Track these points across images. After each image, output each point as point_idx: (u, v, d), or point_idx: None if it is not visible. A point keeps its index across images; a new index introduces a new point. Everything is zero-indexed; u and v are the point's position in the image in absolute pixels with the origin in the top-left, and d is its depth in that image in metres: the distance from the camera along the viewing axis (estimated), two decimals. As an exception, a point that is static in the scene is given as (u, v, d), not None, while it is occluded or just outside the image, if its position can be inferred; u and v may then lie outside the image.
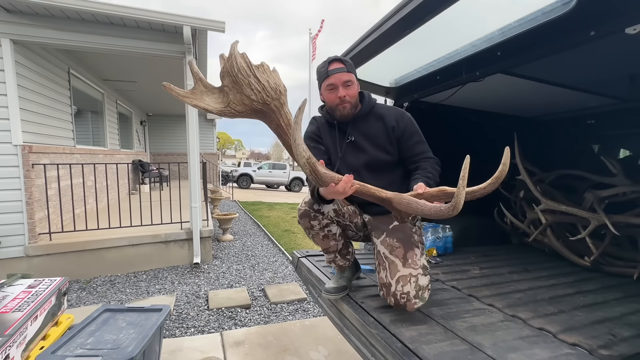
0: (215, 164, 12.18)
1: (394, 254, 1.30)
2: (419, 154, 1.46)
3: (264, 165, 17.58)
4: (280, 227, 7.01)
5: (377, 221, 1.44)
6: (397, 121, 1.45)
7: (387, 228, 1.41)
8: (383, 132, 1.46)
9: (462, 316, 1.34)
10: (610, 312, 1.46)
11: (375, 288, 1.60)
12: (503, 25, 1.37)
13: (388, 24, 1.52)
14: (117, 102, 7.43)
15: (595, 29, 1.20)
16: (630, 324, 1.35)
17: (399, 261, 1.27)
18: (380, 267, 1.33)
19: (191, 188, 4.15)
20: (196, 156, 4.19)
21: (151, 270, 4.01)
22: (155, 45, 3.99)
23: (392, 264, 1.28)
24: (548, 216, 2.40)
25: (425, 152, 1.47)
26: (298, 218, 1.53)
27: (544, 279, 1.91)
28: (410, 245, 1.32)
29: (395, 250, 1.31)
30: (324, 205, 1.42)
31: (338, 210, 1.49)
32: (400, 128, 1.45)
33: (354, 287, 1.62)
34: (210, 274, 3.98)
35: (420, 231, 1.44)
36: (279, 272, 4.16)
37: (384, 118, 1.48)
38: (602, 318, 1.39)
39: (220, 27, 3.93)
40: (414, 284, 1.22)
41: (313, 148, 1.49)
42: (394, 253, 1.30)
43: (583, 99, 2.33)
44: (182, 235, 4.17)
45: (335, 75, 1.43)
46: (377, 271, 1.36)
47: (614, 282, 1.91)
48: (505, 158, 1.05)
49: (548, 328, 1.27)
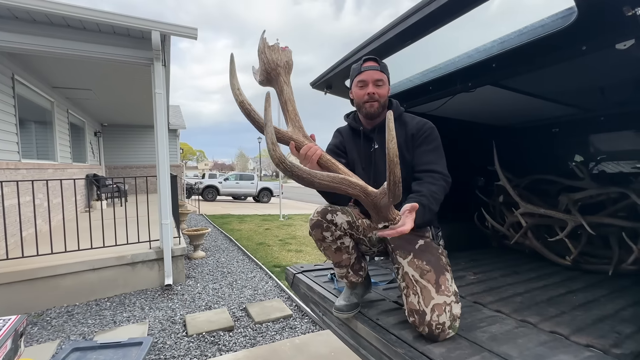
0: (179, 176, 11.55)
1: (425, 278, 1.22)
2: (423, 163, 1.37)
3: (230, 176, 17.02)
4: (253, 240, 6.77)
5: (401, 239, 1.35)
6: (418, 129, 1.42)
7: (413, 248, 1.32)
8: (403, 140, 1.43)
9: (478, 326, 1.32)
10: (605, 310, 1.54)
11: (387, 302, 1.55)
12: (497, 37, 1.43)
13: (387, 36, 1.52)
14: (69, 111, 6.78)
15: (587, 44, 1.28)
16: (626, 319, 1.43)
17: (432, 287, 1.19)
18: (409, 291, 1.23)
19: (161, 203, 3.84)
20: (166, 169, 3.90)
21: (116, 296, 3.62)
22: (119, 51, 3.69)
23: (425, 290, 1.19)
24: (527, 219, 2.53)
25: (430, 163, 1.36)
26: (309, 229, 1.45)
27: (534, 281, 1.98)
28: (441, 269, 1.25)
29: (426, 274, 1.22)
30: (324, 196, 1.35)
31: (352, 222, 1.42)
32: (419, 136, 1.41)
33: (363, 302, 1.55)
34: (184, 295, 3.68)
35: (446, 252, 1.38)
36: (259, 288, 3.97)
37: (407, 125, 1.45)
38: (600, 316, 1.46)
39: (192, 34, 3.75)
40: (448, 314, 1.15)
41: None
42: (425, 277, 1.22)
43: (553, 109, 2.51)
44: (152, 255, 3.84)
45: (367, 72, 1.41)
46: (404, 294, 1.27)
47: (594, 279, 2.04)
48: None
49: (559, 331, 1.29)
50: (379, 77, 1.41)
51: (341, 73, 1.97)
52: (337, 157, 1.48)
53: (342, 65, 1.90)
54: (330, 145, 1.60)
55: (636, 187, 2.12)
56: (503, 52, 1.43)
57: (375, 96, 1.41)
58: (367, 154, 1.50)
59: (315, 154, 1.17)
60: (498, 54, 1.44)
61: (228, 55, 1.22)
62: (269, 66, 1.23)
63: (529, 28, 1.27)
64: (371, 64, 1.43)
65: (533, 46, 1.34)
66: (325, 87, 2.21)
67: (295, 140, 1.21)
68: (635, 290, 1.84)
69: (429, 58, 1.76)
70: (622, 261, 2.12)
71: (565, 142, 3.05)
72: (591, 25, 1.18)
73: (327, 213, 1.42)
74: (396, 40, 1.48)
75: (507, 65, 1.52)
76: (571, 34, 1.23)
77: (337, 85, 2.15)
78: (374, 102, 1.42)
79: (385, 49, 1.59)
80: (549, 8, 1.19)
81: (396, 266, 1.34)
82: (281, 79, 1.27)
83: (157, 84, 3.74)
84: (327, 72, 2.05)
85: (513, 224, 2.77)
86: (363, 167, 1.50)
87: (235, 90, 1.17)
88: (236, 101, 1.17)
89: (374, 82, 1.41)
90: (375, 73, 1.41)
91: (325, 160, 1.18)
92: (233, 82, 1.17)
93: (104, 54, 3.60)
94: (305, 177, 1.00)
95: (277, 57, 1.25)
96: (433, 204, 1.24)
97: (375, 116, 1.46)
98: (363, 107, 1.45)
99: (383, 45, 1.56)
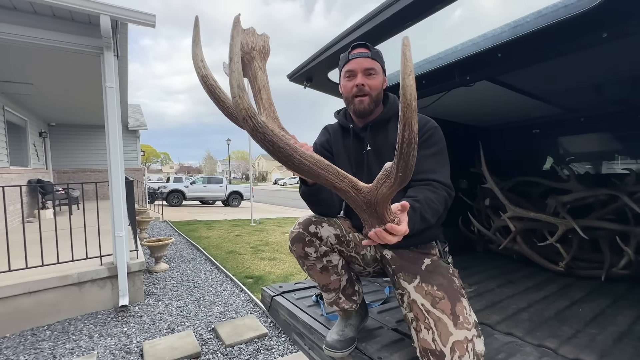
0: (140, 181, 10.70)
1: (438, 307, 0.99)
2: (421, 171, 1.10)
3: (197, 179, 16.16)
4: (223, 248, 6.32)
5: (403, 259, 1.13)
6: (419, 128, 1.18)
7: (419, 270, 1.09)
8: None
9: (496, 358, 1.12)
10: (618, 325, 1.42)
11: (386, 331, 1.31)
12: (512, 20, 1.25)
13: (382, 16, 1.29)
14: (5, 108, 5.95)
15: (609, 30, 1.13)
16: (643, 336, 1.30)
17: (448, 319, 0.96)
18: (419, 324, 0.99)
19: (114, 213, 3.36)
20: (120, 173, 3.42)
21: (58, 323, 3.09)
22: (60, 37, 3.18)
23: (440, 323, 0.96)
24: (516, 223, 2.42)
25: (429, 171, 1.12)
26: (289, 244, 1.19)
27: (533, 291, 1.85)
28: (456, 295, 1.02)
29: (439, 303, 0.99)
30: (305, 187, 1.12)
31: (341, 236, 1.18)
32: (420, 138, 1.14)
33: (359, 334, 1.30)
34: (143, 317, 3.23)
35: (457, 272, 1.14)
36: (229, 304, 3.60)
37: None
38: (617, 334, 1.33)
39: (149, 21, 3.33)
40: (472, 353, 0.92)
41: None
42: (438, 306, 0.99)
43: (540, 109, 2.44)
44: (103, 273, 3.34)
45: (356, 60, 1.16)
46: (412, 327, 1.04)
47: (590, 286, 1.95)
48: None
49: (586, 359, 1.13)
50: (369, 66, 1.17)
51: (324, 63, 1.72)
52: None
53: (325, 53, 1.65)
54: (316, 144, 1.34)
55: (626, 189, 2.08)
56: (513, 38, 1.25)
57: (365, 88, 1.17)
58: (359, 156, 1.27)
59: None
60: (507, 40, 1.26)
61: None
62: (243, 50, 1.08)
63: (551, 9, 1.10)
64: (360, 51, 1.19)
65: (549, 31, 1.17)
66: (304, 80, 1.94)
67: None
68: (632, 298, 1.76)
69: (425, 47, 1.55)
70: (613, 265, 2.06)
71: (548, 143, 3.02)
72: (621, 6, 1.02)
73: (311, 224, 1.17)
74: (394, 20, 1.25)
75: (514, 55, 1.35)
76: (597, 16, 1.07)
77: (319, 78, 1.89)
78: (363, 97, 1.18)
79: (378, 33, 1.35)
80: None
81: (400, 292, 1.10)
82: (255, 64, 1.09)
83: (107, 76, 3.27)
84: (307, 62, 1.79)
85: (499, 228, 2.67)
86: (354, 171, 1.25)
87: (198, 62, 0.94)
88: (198, 75, 0.95)
89: (363, 71, 1.17)
90: (365, 61, 1.17)
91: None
92: (196, 52, 0.94)
93: (40, 40, 3.08)
94: (282, 146, 0.72)
95: (253, 41, 1.11)
96: (427, 213, 1.00)
97: (366, 114, 1.22)
98: (352, 102, 1.21)
99: (376, 28, 1.33)
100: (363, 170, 1.24)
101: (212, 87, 0.93)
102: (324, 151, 1.32)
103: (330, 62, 1.71)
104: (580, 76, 1.83)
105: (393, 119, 1.23)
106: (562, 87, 2.06)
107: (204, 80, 0.93)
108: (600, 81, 1.90)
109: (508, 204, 2.42)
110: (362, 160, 1.25)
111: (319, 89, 2.00)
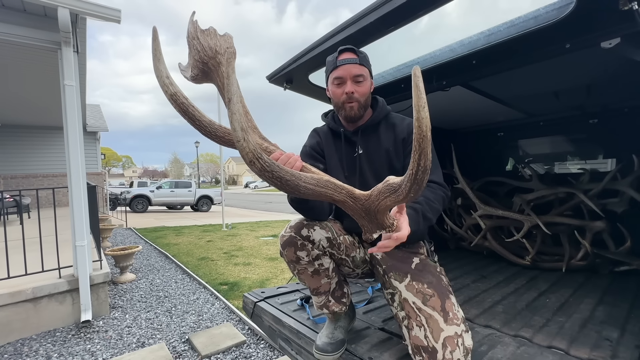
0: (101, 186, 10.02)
1: (429, 304, 1.01)
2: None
3: (164, 184, 15.43)
4: (194, 255, 6.08)
5: (394, 258, 1.15)
6: (409, 133, 1.20)
7: (409, 268, 1.11)
8: (392, 145, 1.21)
9: (481, 350, 1.18)
10: (581, 312, 1.54)
11: (373, 331, 1.32)
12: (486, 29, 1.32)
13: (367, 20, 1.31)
14: (-59, 106, 5.33)
15: (572, 41, 1.23)
16: (604, 322, 1.43)
17: (439, 315, 0.98)
18: (411, 322, 1.01)
19: (75, 221, 3.11)
20: (81, 178, 3.18)
21: (9, 344, 2.80)
22: (11, 29, 2.91)
23: (431, 320, 0.98)
24: (486, 221, 2.56)
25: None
26: (280, 248, 1.17)
27: (504, 285, 1.96)
28: (445, 292, 1.05)
29: (429, 300, 1.01)
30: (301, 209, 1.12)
31: (332, 239, 1.18)
32: (410, 141, 1.17)
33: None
34: (108, 332, 3.02)
35: (444, 270, 1.18)
36: (203, 312, 3.46)
37: (395, 127, 1.23)
38: (581, 320, 1.45)
39: (114, 16, 3.14)
40: (462, 347, 0.95)
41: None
42: (429, 304, 1.01)
43: (505, 113, 2.60)
44: (62, 286, 3.07)
45: (344, 67, 1.16)
46: (404, 325, 1.05)
47: (553, 277, 2.10)
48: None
49: (557, 345, 1.22)
50: (358, 72, 1.18)
51: (305, 65, 1.72)
52: (315, 162, 1.22)
53: (306, 55, 1.64)
54: (306, 147, 1.33)
55: (581, 187, 2.27)
56: (487, 46, 1.32)
57: (354, 96, 1.18)
58: (351, 159, 1.27)
59: (295, 165, 0.93)
60: (482, 48, 1.33)
61: (163, 53, 0.88)
62: (205, 54, 0.98)
63: (522, 19, 1.18)
64: (348, 56, 1.19)
65: (520, 41, 1.26)
66: (284, 82, 1.92)
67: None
68: (590, 287, 1.92)
69: (405, 51, 1.60)
70: (572, 257, 2.24)
71: (511, 145, 3.22)
72: (584, 20, 1.12)
73: (303, 228, 1.16)
74: (377, 25, 1.28)
75: (487, 62, 1.43)
76: (562, 28, 1.16)
77: (300, 80, 1.88)
78: (353, 103, 1.20)
79: (361, 37, 1.38)
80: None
81: (390, 291, 1.11)
82: (222, 70, 0.99)
83: (66, 73, 3.03)
84: (288, 64, 1.78)
85: (470, 226, 2.81)
86: (346, 175, 1.26)
87: (163, 80, 0.86)
88: (166, 94, 0.86)
89: (352, 78, 1.18)
90: (354, 67, 1.18)
91: (307, 171, 0.92)
92: (159, 67, 0.86)
93: (-12, 32, 2.80)
94: (290, 179, 0.73)
95: (215, 43, 1.00)
96: (429, 212, 1.06)
97: (356, 119, 1.24)
98: (342, 108, 1.22)
99: (360, 32, 1.35)
100: (355, 174, 1.26)
101: (184, 106, 0.85)
102: (315, 154, 1.31)
103: (311, 65, 1.71)
104: (541, 83, 1.97)
105: (383, 122, 1.26)
106: (526, 92, 2.21)
107: (174, 99, 0.85)
108: (559, 88, 2.06)
109: (478, 203, 2.56)
110: (355, 164, 1.27)
111: (299, 91, 2.00)
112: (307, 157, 1.27)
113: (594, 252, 2.14)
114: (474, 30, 1.33)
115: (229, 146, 0.91)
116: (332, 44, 1.47)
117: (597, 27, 1.13)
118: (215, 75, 1.00)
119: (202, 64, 0.99)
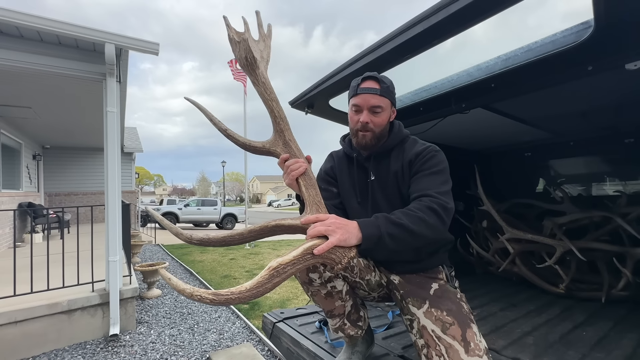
0: (134, 203, 10.56)
1: (449, 333, 0.98)
2: (415, 191, 1.08)
3: (191, 202, 16.02)
4: (217, 272, 6.18)
5: (411, 284, 1.13)
6: (417, 154, 1.16)
7: (427, 294, 1.09)
8: (400, 169, 1.20)
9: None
10: (622, 348, 1.42)
11: (391, 357, 1.29)
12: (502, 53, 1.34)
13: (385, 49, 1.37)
14: (1, 131, 5.94)
15: (595, 63, 1.21)
16: (649, 360, 1.30)
17: (459, 345, 0.95)
18: (430, 351, 0.98)
19: (109, 237, 3.30)
20: (117, 196, 3.40)
21: (44, 354, 2.94)
22: (65, 64, 3.26)
23: (452, 350, 0.95)
24: (514, 245, 2.45)
25: (422, 189, 1.06)
26: None
27: (535, 314, 1.84)
28: (465, 320, 1.01)
29: (449, 329, 0.98)
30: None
31: None
32: (416, 162, 1.16)
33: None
34: (134, 347, 3.10)
35: (465, 297, 1.13)
36: (224, 331, 3.48)
37: (405, 152, 1.22)
38: (623, 357, 1.33)
39: (153, 49, 3.43)
40: None
41: (323, 190, 1.17)
42: (449, 332, 0.98)
43: (532, 133, 2.53)
44: (94, 300, 3.23)
45: (363, 96, 1.16)
46: (423, 354, 1.02)
47: (590, 308, 1.95)
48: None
49: (594, 384, 1.12)
50: (376, 103, 1.16)
51: (326, 91, 1.79)
52: (328, 186, 1.25)
53: (328, 81, 1.72)
54: (321, 171, 1.36)
55: (618, 211, 2.13)
56: (506, 70, 1.33)
57: (368, 126, 1.17)
58: (364, 185, 1.27)
59: (297, 170, 1.01)
60: (500, 72, 1.34)
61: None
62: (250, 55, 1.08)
63: (539, 44, 1.19)
64: (370, 85, 1.17)
65: (539, 64, 1.25)
66: (306, 107, 2.01)
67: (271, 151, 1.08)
68: (634, 320, 1.76)
69: (423, 76, 1.64)
70: (612, 287, 2.07)
71: (540, 165, 3.10)
72: (605, 43, 1.10)
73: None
74: (394, 53, 1.33)
75: (507, 85, 1.43)
76: (581, 51, 1.15)
77: (320, 105, 1.96)
78: (366, 133, 1.18)
79: (380, 64, 1.43)
80: (563, 22, 1.11)
81: (408, 317, 1.09)
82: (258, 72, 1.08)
83: (109, 101, 3.32)
84: (309, 90, 1.86)
85: (498, 250, 2.69)
86: (359, 201, 1.26)
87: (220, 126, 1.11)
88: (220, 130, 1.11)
89: (369, 108, 1.16)
90: (373, 98, 1.15)
91: (306, 180, 1.01)
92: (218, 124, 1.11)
93: (44, 67, 3.15)
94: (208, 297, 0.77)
95: (262, 48, 1.11)
96: (402, 219, 0.93)
97: (367, 148, 1.24)
98: (356, 135, 1.23)
99: (379, 59, 1.40)
100: (368, 200, 1.25)
101: (231, 138, 1.10)
102: (329, 178, 1.34)
103: (332, 91, 1.78)
104: (569, 103, 1.92)
105: (395, 148, 1.24)
106: (552, 113, 2.16)
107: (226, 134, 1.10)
108: (586, 108, 2.00)
109: (505, 226, 2.45)
110: (367, 190, 1.26)
111: (320, 115, 2.07)
112: (322, 181, 1.29)
113: (637, 281, 1.98)
114: (491, 54, 1.35)
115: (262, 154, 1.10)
116: (351, 71, 1.53)
117: (620, 49, 1.12)
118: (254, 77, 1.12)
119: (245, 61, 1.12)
